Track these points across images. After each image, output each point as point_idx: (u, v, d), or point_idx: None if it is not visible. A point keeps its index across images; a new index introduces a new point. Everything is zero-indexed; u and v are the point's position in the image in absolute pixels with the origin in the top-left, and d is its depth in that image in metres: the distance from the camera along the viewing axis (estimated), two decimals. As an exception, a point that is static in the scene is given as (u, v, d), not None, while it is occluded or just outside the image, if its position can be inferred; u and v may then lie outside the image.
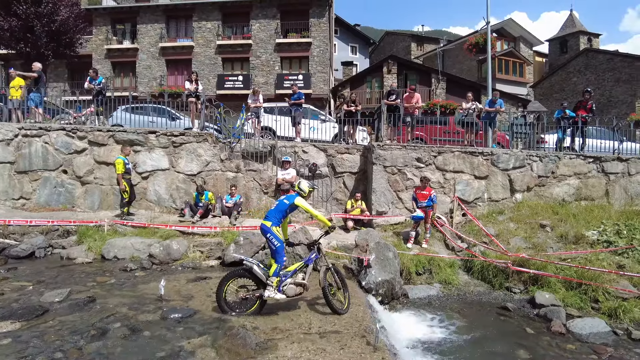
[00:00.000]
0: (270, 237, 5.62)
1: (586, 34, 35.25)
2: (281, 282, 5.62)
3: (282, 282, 5.63)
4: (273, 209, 5.84)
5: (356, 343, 4.89)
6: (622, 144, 12.61)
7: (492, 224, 10.08)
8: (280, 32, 25.68)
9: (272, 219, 5.71)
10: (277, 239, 5.63)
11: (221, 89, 25.10)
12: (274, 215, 5.72)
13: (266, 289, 5.52)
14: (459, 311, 7.33)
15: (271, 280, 5.55)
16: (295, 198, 5.74)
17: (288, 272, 5.79)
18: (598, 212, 10.33)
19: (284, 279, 5.67)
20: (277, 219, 5.71)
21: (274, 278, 5.56)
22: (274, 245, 5.61)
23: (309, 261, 5.95)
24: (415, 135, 12.49)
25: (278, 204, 5.84)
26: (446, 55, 34.74)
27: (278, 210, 5.75)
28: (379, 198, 10.88)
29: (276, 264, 5.61)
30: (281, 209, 5.75)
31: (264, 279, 5.56)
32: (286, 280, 5.68)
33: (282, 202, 5.79)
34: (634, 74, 26.82)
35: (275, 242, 5.61)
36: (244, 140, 11.97)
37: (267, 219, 5.75)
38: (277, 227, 5.69)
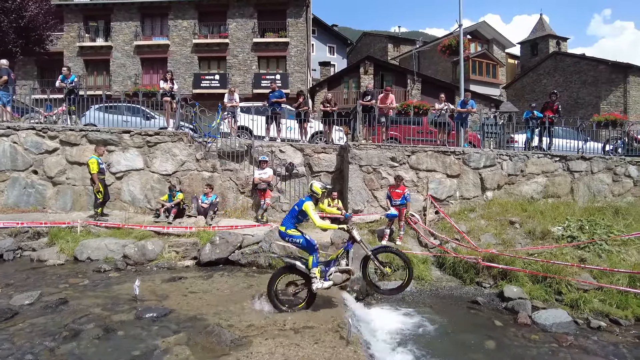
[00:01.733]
0: (289, 239, 5.84)
1: (555, 38, 36.43)
2: (325, 272, 5.80)
3: (327, 271, 5.82)
4: (288, 215, 6.05)
5: (330, 338, 5.01)
6: (586, 144, 13.21)
7: (463, 221, 10.38)
8: (258, 31, 25.63)
9: (285, 224, 5.92)
10: (296, 237, 5.83)
11: (197, 88, 24.88)
12: (287, 221, 5.94)
13: (312, 282, 5.69)
14: (431, 306, 7.55)
15: (313, 272, 5.71)
16: (304, 203, 5.84)
17: (331, 261, 5.94)
18: (563, 209, 10.78)
19: (327, 268, 5.85)
20: (290, 223, 5.91)
21: (315, 269, 5.72)
22: (297, 243, 5.83)
23: (348, 247, 6.07)
24: (390, 135, 12.73)
25: (291, 210, 6.04)
26: (422, 57, 35.34)
27: (290, 217, 5.95)
28: (354, 197, 11.05)
29: (311, 255, 5.76)
30: (293, 215, 5.95)
31: (307, 273, 5.74)
32: (330, 269, 5.86)
33: (293, 209, 6.01)
34: (598, 76, 27.95)
35: (297, 239, 5.82)
36: (220, 140, 11.94)
37: (282, 225, 5.98)
38: (292, 229, 5.87)
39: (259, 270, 7.96)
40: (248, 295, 6.50)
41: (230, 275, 7.65)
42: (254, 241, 8.58)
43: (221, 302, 6.13)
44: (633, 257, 8.52)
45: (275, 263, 7.99)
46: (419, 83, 27.15)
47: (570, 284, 7.71)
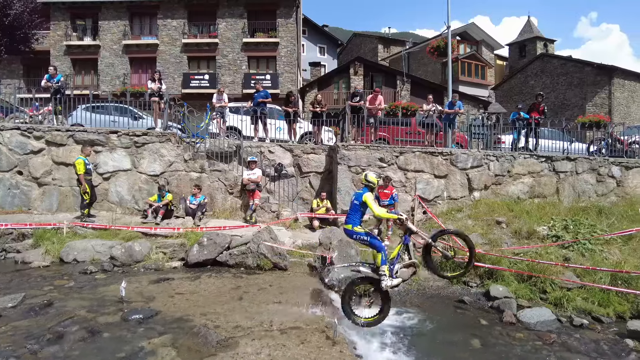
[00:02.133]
0: (357, 237, 5.64)
1: (543, 40, 36.90)
2: (391, 270, 5.61)
3: (392, 269, 5.62)
4: (349, 212, 5.79)
5: (316, 338, 5.05)
6: (572, 145, 13.42)
7: (451, 221, 10.49)
8: (248, 31, 25.57)
9: (351, 221, 5.69)
10: (363, 234, 5.63)
11: (187, 87, 24.74)
12: (352, 218, 5.70)
13: (381, 280, 5.48)
14: (418, 305, 7.61)
15: (382, 270, 5.51)
16: (364, 195, 5.62)
17: (393, 259, 5.73)
18: (549, 209, 10.94)
19: (392, 266, 5.65)
20: (356, 219, 5.68)
21: (384, 267, 5.51)
22: (365, 241, 5.62)
23: (407, 240, 5.82)
24: (378, 135, 12.80)
25: (352, 206, 5.77)
26: (411, 58, 35.56)
27: (353, 212, 5.71)
28: (343, 197, 11.10)
29: (379, 253, 5.57)
30: (355, 209, 5.70)
31: (375, 275, 5.56)
32: (395, 266, 5.68)
33: (353, 203, 5.74)
34: (584, 78, 28.38)
35: (364, 237, 5.61)
36: (208, 140, 11.90)
37: (347, 223, 5.74)
38: (358, 226, 5.67)
39: (247, 271, 7.95)
40: (235, 296, 6.50)
41: (218, 276, 7.64)
42: (242, 242, 8.57)
43: (208, 303, 6.13)
44: (615, 256, 8.69)
45: (263, 264, 8.00)
46: (409, 84, 27.31)
47: (555, 282, 7.83)
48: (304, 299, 6.42)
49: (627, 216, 10.21)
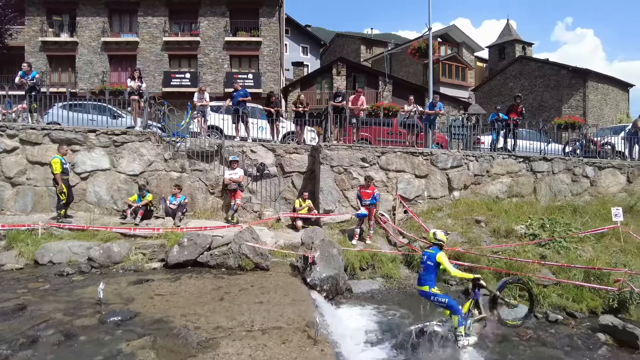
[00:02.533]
0: (434, 298, 5.75)
1: (521, 43, 37.71)
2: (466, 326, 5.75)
3: (466, 325, 5.77)
4: (423, 273, 5.87)
5: (297, 337, 5.05)
6: (548, 145, 13.77)
7: (431, 220, 10.63)
8: (230, 30, 25.38)
9: (427, 283, 5.77)
10: (441, 297, 5.75)
11: (167, 86, 24.40)
12: (427, 280, 5.79)
13: (458, 340, 5.64)
14: (399, 303, 7.70)
15: (459, 331, 5.67)
16: (437, 255, 5.73)
17: (465, 315, 5.84)
18: (527, 208, 11.20)
19: (465, 322, 5.78)
20: (432, 280, 5.78)
21: (460, 328, 5.67)
22: (443, 303, 5.73)
23: (477, 296, 6.02)
24: (360, 136, 12.88)
25: (425, 266, 5.85)
26: (393, 59, 35.87)
27: (427, 272, 5.79)
28: (326, 197, 11.13)
29: (456, 315, 5.69)
30: (429, 270, 5.79)
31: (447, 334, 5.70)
32: (467, 322, 5.80)
33: (427, 264, 5.82)
34: (561, 81, 29.14)
35: (442, 299, 5.73)
36: (189, 139, 11.77)
37: (422, 284, 5.82)
38: (435, 287, 5.78)
39: (229, 272, 7.89)
40: (216, 296, 6.45)
41: (199, 277, 7.56)
42: (223, 242, 8.50)
43: (189, 304, 6.06)
44: (588, 253, 8.96)
45: (245, 264, 7.96)
46: (390, 85, 27.55)
47: (532, 279, 8.02)
48: (286, 299, 6.42)
49: (599, 215, 10.52)
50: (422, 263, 5.91)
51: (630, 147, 14.11)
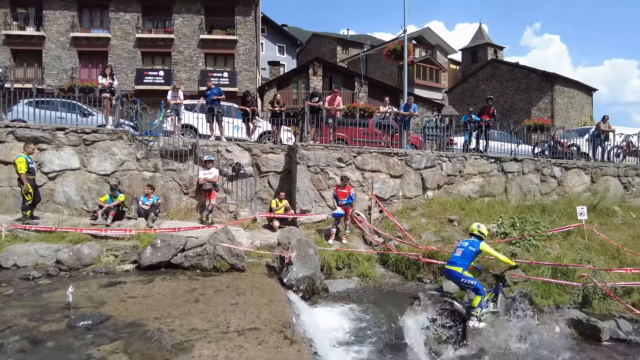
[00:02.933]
0: (464, 280, 6.08)
1: (493, 46, 38.74)
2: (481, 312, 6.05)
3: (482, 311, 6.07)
4: (459, 256, 6.21)
5: (274, 338, 5.03)
6: (519, 147, 14.20)
7: (406, 219, 10.79)
8: (205, 28, 25.02)
9: (460, 265, 6.10)
10: (471, 279, 6.09)
11: (140, 84, 23.84)
12: (462, 262, 6.12)
13: (470, 319, 5.92)
14: (375, 302, 7.79)
15: (476, 311, 5.96)
16: (481, 244, 6.20)
17: (483, 303, 6.09)
18: (498, 207, 11.51)
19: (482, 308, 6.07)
20: (466, 265, 6.11)
21: (478, 310, 5.99)
22: (471, 286, 6.07)
23: (498, 290, 6.36)
24: (337, 136, 12.94)
25: (464, 250, 6.21)
26: (369, 60, 36.19)
27: (466, 257, 6.13)
28: (302, 197, 11.12)
29: (480, 296, 6.02)
30: (469, 255, 6.16)
31: (463, 312, 5.99)
32: (483, 309, 6.08)
33: (468, 249, 6.19)
34: (530, 84, 30.13)
35: (472, 281, 6.06)
36: (162, 138, 11.54)
37: (456, 265, 6.13)
38: (467, 271, 6.10)
39: (203, 273, 7.78)
40: (191, 298, 6.35)
41: (173, 278, 7.42)
42: (198, 243, 8.38)
43: (162, 307, 5.94)
44: (555, 251, 9.30)
45: (220, 265, 7.87)
46: (366, 86, 27.79)
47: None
48: (262, 299, 6.38)
49: (566, 213, 10.92)
50: (461, 247, 6.32)
51: (594, 149, 14.73)
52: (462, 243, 6.48)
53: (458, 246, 6.47)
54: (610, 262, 8.83)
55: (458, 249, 6.42)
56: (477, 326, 5.97)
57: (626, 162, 14.74)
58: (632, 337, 6.51)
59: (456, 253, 6.38)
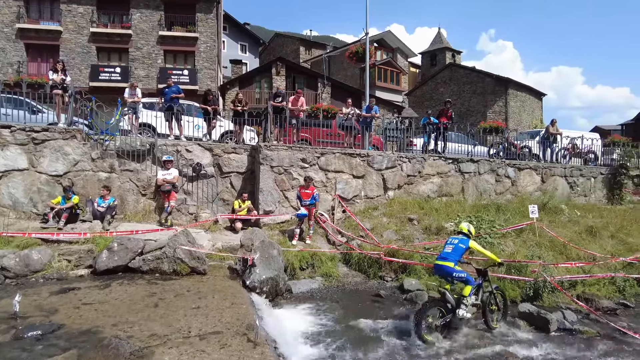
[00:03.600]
0: (456, 274, 6.29)
1: (451, 50, 40.03)
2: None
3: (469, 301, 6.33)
4: (450, 252, 6.45)
5: (237, 341, 4.98)
6: (475, 148, 14.77)
7: (368, 219, 10.97)
8: (165, 24, 24.31)
9: (453, 260, 6.34)
10: (461, 272, 6.33)
11: (95, 80, 22.82)
12: (453, 258, 6.36)
13: (460, 308, 6.17)
14: (338, 301, 7.87)
15: (465, 299, 6.21)
16: (470, 242, 6.50)
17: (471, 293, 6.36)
18: (455, 207, 11.93)
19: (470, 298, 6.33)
20: (456, 260, 6.37)
21: (468, 298, 6.24)
22: (462, 278, 6.30)
23: (480, 282, 6.65)
24: (300, 136, 12.95)
25: (454, 247, 6.47)
26: (332, 61, 36.45)
27: (457, 253, 6.39)
28: (266, 197, 11.05)
29: (470, 285, 6.30)
30: (459, 252, 6.43)
31: (453, 304, 6.21)
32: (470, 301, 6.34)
33: (458, 246, 6.46)
34: (486, 88, 31.42)
35: (462, 274, 6.31)
36: (119, 138, 11.12)
37: (448, 260, 6.35)
38: (457, 265, 6.36)
39: (163, 277, 7.56)
40: (150, 303, 6.16)
41: (131, 283, 7.17)
42: (157, 246, 8.14)
43: (120, 313, 5.74)
44: (510, 248, 9.76)
45: (180, 268, 7.68)
46: (329, 87, 27.98)
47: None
48: (225, 302, 6.30)
49: (519, 212, 11.46)
50: (450, 244, 6.60)
51: (544, 151, 15.56)
52: (451, 240, 6.72)
53: (447, 243, 6.70)
54: (558, 257, 9.37)
55: (448, 245, 6.65)
56: (465, 315, 6.26)
57: (572, 163, 15.69)
58: (576, 326, 6.93)
59: (446, 249, 6.60)
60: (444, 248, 6.68)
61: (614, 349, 6.30)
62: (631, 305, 8.11)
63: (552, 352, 6.13)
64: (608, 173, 15.15)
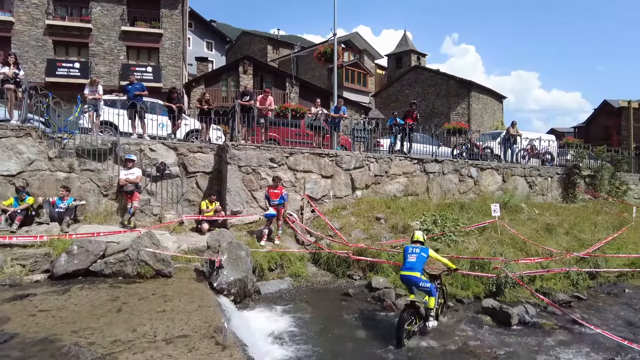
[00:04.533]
0: (422, 284, 6.42)
1: (416, 53, 40.87)
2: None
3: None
4: (414, 261, 6.49)
5: (205, 345, 4.87)
6: (439, 149, 15.16)
7: (336, 218, 11.04)
8: (127, 19, 23.53)
9: (418, 270, 6.44)
10: (427, 282, 6.51)
11: (52, 76, 21.79)
12: (418, 268, 6.45)
13: (429, 320, 6.48)
14: (307, 301, 7.86)
15: (432, 312, 6.53)
16: (429, 250, 6.68)
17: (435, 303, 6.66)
18: (421, 206, 12.19)
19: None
20: (421, 270, 6.51)
21: (433, 310, 6.56)
22: (427, 288, 6.46)
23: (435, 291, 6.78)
24: (269, 136, 12.86)
25: (418, 256, 6.53)
26: (300, 61, 36.41)
27: (421, 263, 6.51)
28: (233, 198, 10.90)
29: (433, 297, 6.53)
30: (423, 261, 6.55)
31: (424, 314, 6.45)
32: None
33: (421, 255, 6.56)
34: (449, 90, 32.29)
35: (427, 284, 6.47)
36: (79, 136, 10.65)
37: (414, 270, 6.42)
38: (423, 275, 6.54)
39: (126, 281, 7.29)
40: (113, 308, 5.93)
41: (92, 287, 6.88)
42: (119, 249, 7.83)
43: (80, 319, 5.48)
44: (473, 246, 10.07)
45: (145, 271, 7.44)
46: (297, 87, 27.93)
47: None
48: (191, 305, 6.15)
49: (481, 211, 11.85)
50: (413, 253, 6.66)
51: (505, 151, 16.18)
52: (412, 249, 6.64)
53: (409, 252, 6.63)
54: (518, 254, 9.76)
55: (410, 254, 6.59)
56: (435, 325, 6.58)
57: (530, 163, 16.40)
58: (536, 319, 7.24)
59: (410, 259, 6.54)
60: (407, 258, 6.62)
61: (570, 339, 6.63)
62: (584, 297, 8.57)
63: (514, 345, 6.37)
64: (563, 173, 15.94)
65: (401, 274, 6.63)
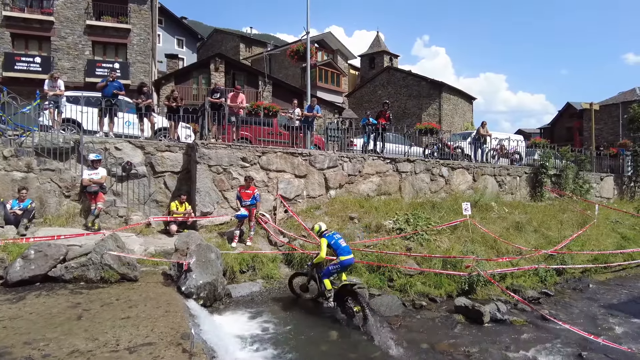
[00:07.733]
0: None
1: (389, 54, 41.21)
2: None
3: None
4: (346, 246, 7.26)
5: (171, 353, 4.64)
6: (411, 148, 15.27)
7: (310, 218, 10.89)
8: (93, 13, 22.65)
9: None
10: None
11: (10, 70, 20.72)
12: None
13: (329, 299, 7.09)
14: (279, 304, 7.69)
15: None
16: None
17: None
18: (394, 205, 12.20)
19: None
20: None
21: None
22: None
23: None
24: (241, 135, 12.59)
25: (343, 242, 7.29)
26: (273, 60, 36.09)
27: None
28: (203, 198, 10.58)
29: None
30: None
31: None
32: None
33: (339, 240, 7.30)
34: (421, 91, 32.76)
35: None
36: (38, 134, 10.09)
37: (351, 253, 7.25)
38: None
39: (89, 286, 6.92)
40: (73, 316, 5.59)
41: (50, 294, 6.48)
42: (82, 252, 7.44)
43: (35, 329, 5.13)
44: (445, 244, 10.14)
45: (108, 276, 7.09)
46: (270, 85, 27.65)
47: (400, 270, 8.76)
48: (158, 311, 5.88)
49: (453, 209, 11.98)
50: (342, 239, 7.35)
51: (475, 151, 16.47)
52: (337, 236, 7.42)
53: (338, 239, 7.32)
54: (489, 252, 9.91)
55: (340, 240, 7.33)
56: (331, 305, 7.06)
57: (500, 163, 16.76)
58: (507, 317, 7.34)
59: (343, 244, 7.26)
60: (340, 245, 7.21)
61: (540, 335, 6.76)
62: (551, 293, 8.78)
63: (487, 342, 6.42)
64: (531, 172, 16.37)
65: (344, 260, 7.10)
